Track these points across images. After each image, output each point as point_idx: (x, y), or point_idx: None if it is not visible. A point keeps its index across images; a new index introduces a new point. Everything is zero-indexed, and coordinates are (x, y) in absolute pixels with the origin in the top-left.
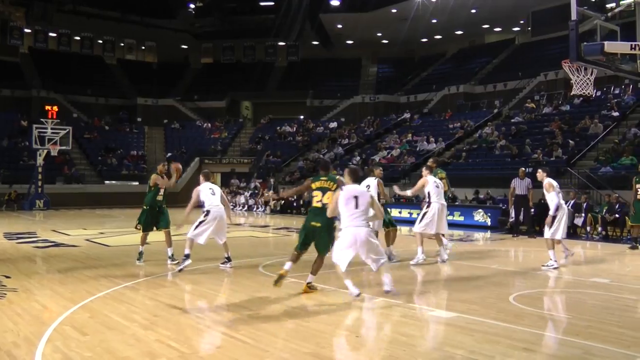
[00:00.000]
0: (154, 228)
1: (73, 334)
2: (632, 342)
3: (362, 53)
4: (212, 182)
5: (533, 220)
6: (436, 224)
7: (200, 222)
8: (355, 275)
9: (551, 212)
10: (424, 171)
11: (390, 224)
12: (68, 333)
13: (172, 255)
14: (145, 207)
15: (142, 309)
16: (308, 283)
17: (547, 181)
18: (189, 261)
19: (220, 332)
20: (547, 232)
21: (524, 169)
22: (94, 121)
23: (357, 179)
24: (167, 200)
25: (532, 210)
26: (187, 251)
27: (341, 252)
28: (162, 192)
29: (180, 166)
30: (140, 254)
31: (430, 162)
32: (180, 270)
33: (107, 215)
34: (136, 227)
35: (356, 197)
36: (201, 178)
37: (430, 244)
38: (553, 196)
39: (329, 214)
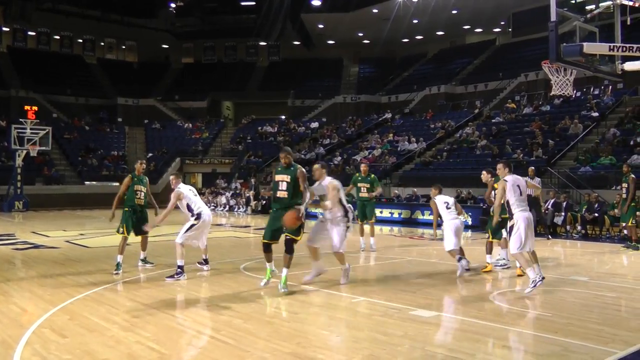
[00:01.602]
0: (134, 233)
1: (52, 337)
2: (610, 338)
3: (344, 53)
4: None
5: (546, 220)
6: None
7: (192, 226)
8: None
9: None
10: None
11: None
12: (47, 336)
13: (145, 258)
14: (126, 209)
15: (122, 311)
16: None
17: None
18: (184, 276)
19: (201, 333)
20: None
21: (532, 168)
22: (73, 121)
23: (512, 169)
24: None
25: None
26: (180, 262)
27: (520, 238)
28: (140, 194)
29: None
30: (119, 265)
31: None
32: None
33: (88, 216)
34: (118, 232)
35: (519, 186)
36: (176, 179)
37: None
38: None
39: (497, 202)
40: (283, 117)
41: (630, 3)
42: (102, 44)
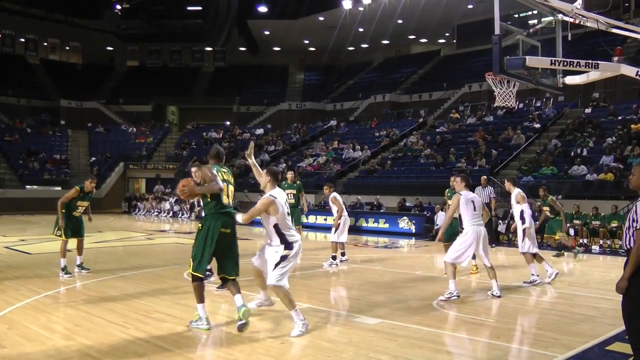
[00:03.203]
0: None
1: None
2: (550, 342)
3: (290, 60)
4: None
5: (493, 230)
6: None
7: None
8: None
9: (527, 224)
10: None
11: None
12: None
13: (82, 264)
14: (62, 210)
15: (64, 319)
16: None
17: (517, 191)
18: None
19: (144, 341)
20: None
21: (485, 177)
22: (15, 123)
23: (469, 185)
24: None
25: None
26: None
27: (461, 251)
28: (81, 209)
29: None
30: (65, 268)
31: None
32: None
33: (28, 221)
34: (55, 234)
35: (473, 201)
36: (198, 171)
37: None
38: (525, 207)
39: (449, 214)
40: (228, 123)
41: (571, 20)
42: (46, 44)
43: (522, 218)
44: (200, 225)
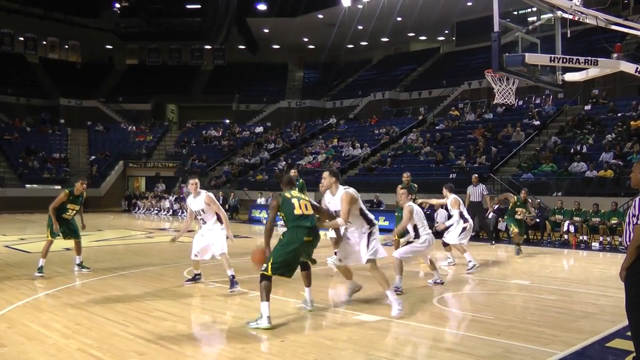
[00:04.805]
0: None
1: None
2: (550, 340)
3: (289, 58)
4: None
5: (489, 226)
6: None
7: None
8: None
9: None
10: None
11: None
12: None
13: (81, 263)
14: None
15: (64, 318)
16: None
17: (453, 197)
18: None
19: (144, 339)
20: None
21: (476, 175)
22: (14, 122)
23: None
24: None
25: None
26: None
27: (412, 253)
28: (71, 212)
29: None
30: (41, 268)
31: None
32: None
33: (28, 220)
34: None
35: (419, 212)
36: (198, 183)
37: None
38: (463, 209)
39: (403, 224)
40: (227, 121)
41: (571, 16)
42: (45, 42)
43: (462, 217)
44: (282, 235)
